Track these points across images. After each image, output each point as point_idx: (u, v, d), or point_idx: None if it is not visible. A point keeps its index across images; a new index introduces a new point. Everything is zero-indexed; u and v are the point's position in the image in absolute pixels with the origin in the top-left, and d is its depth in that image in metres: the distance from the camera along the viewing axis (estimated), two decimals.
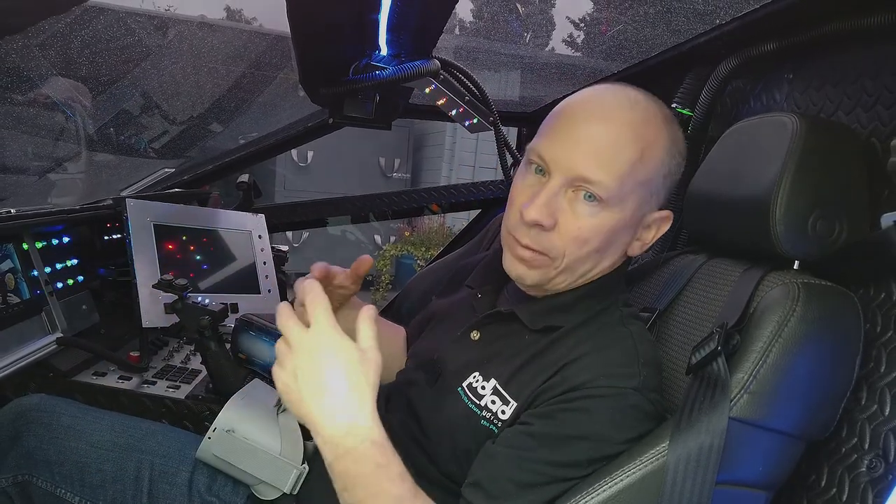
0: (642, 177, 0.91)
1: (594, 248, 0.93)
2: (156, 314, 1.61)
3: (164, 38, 2.66)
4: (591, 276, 0.98)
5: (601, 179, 0.88)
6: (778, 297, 0.89)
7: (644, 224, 0.97)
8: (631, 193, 0.91)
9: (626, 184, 0.90)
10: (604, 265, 0.98)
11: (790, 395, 0.86)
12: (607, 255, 0.96)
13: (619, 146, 0.89)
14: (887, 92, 1.00)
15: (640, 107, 0.93)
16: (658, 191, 0.95)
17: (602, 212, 0.90)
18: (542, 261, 0.94)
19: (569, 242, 0.92)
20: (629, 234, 0.96)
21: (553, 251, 0.92)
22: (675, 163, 0.95)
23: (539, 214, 0.90)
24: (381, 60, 1.58)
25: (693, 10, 1.34)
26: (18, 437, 1.17)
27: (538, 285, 0.98)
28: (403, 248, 7.31)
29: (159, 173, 2.34)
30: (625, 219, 0.92)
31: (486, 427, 0.93)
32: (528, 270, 0.95)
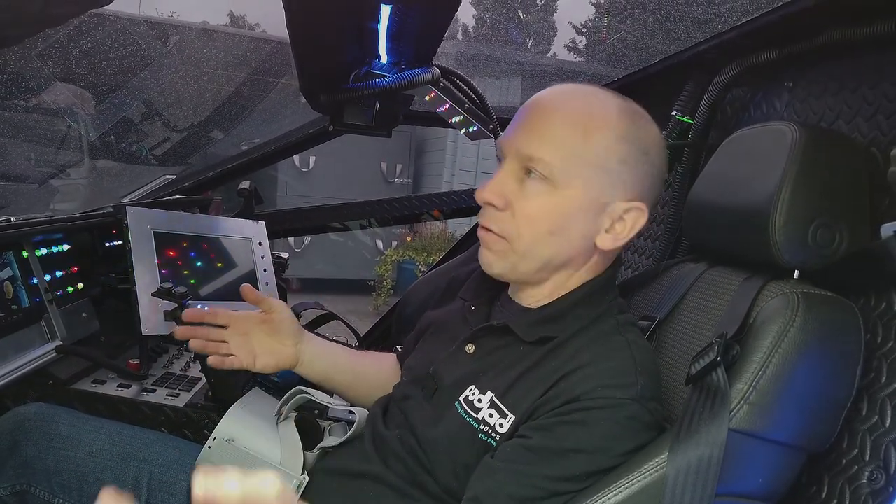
0: (588, 157, 0.92)
1: (547, 228, 0.94)
2: (156, 322, 1.60)
3: (165, 46, 2.67)
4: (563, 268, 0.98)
5: (542, 156, 0.92)
6: (778, 307, 0.89)
7: (611, 214, 0.95)
8: (578, 174, 0.92)
9: (570, 162, 0.92)
10: (566, 252, 0.97)
11: (790, 405, 0.86)
12: (565, 239, 0.95)
13: (560, 126, 0.93)
14: (887, 101, 1.00)
15: (592, 96, 0.97)
16: (619, 178, 0.94)
17: (552, 191, 0.93)
18: (501, 244, 0.97)
19: (521, 222, 0.94)
20: (588, 221, 0.95)
21: (508, 232, 0.95)
22: (634, 150, 0.94)
23: (488, 194, 0.95)
24: (382, 68, 1.58)
25: (693, 18, 1.35)
26: (17, 446, 1.17)
27: (505, 275, 1.00)
28: (405, 253, 7.31)
29: (160, 180, 2.34)
30: (576, 200, 0.93)
31: (485, 440, 0.93)
32: (493, 258, 0.98)
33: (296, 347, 1.19)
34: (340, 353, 1.28)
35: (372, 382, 1.26)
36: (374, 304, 7.06)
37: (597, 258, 0.99)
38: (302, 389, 1.18)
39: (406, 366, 1.16)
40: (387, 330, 2.38)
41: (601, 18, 10.27)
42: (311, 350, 1.21)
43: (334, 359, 1.25)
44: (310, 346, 1.21)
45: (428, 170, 8.42)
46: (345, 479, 1.03)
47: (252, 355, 1.16)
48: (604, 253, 0.99)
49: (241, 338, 1.17)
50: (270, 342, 1.18)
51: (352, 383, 1.26)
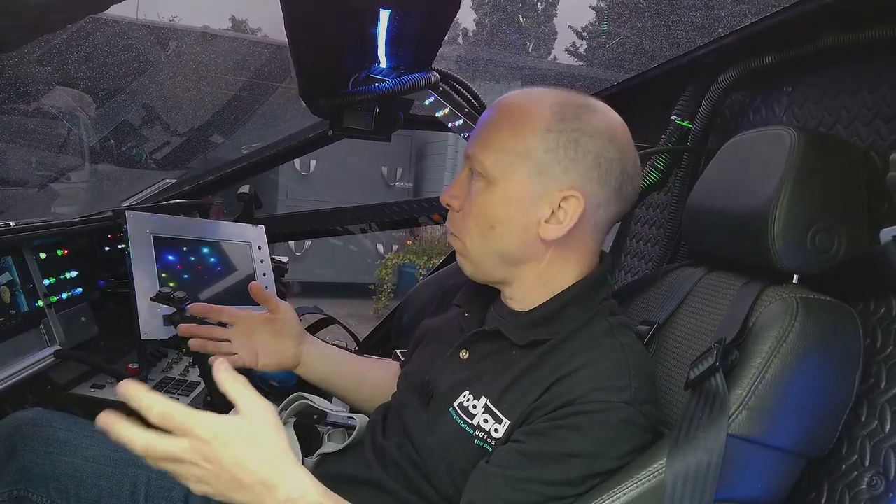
0: (515, 150, 0.95)
1: (488, 223, 0.97)
2: (155, 326, 1.60)
3: (165, 50, 2.68)
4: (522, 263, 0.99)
5: (477, 154, 0.97)
6: (776, 312, 0.89)
7: (549, 203, 0.95)
8: (507, 168, 0.95)
9: (500, 158, 0.96)
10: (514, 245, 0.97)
11: (789, 411, 0.85)
12: (507, 231, 0.97)
13: (495, 124, 0.98)
14: (886, 106, 1.00)
15: (530, 96, 1.00)
16: (548, 168, 0.94)
17: (489, 187, 0.97)
18: (460, 246, 1.02)
19: (468, 220, 1.00)
20: (524, 212, 0.95)
21: (461, 232, 1.01)
22: (560, 138, 0.94)
23: (446, 196, 1.02)
24: (381, 73, 1.58)
25: (692, 22, 1.35)
26: (14, 451, 1.16)
27: (475, 275, 1.04)
28: (405, 257, 7.31)
29: (160, 184, 2.34)
30: (509, 193, 0.96)
31: (480, 446, 0.93)
32: (461, 260, 1.04)
33: (298, 348, 1.21)
34: (341, 357, 1.29)
35: (372, 388, 1.26)
36: (375, 308, 7.06)
37: (554, 251, 0.98)
38: (301, 395, 1.18)
39: (403, 373, 1.16)
40: (387, 334, 2.37)
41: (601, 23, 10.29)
42: (313, 352, 1.22)
43: (335, 362, 1.26)
44: (311, 349, 1.22)
45: (428, 173, 8.43)
46: (344, 485, 1.03)
47: (255, 354, 1.18)
48: (560, 245, 0.98)
49: (245, 337, 1.19)
50: (273, 342, 1.19)
51: (351, 388, 1.27)
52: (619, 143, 0.97)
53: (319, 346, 1.25)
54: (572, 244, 0.99)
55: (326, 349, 1.27)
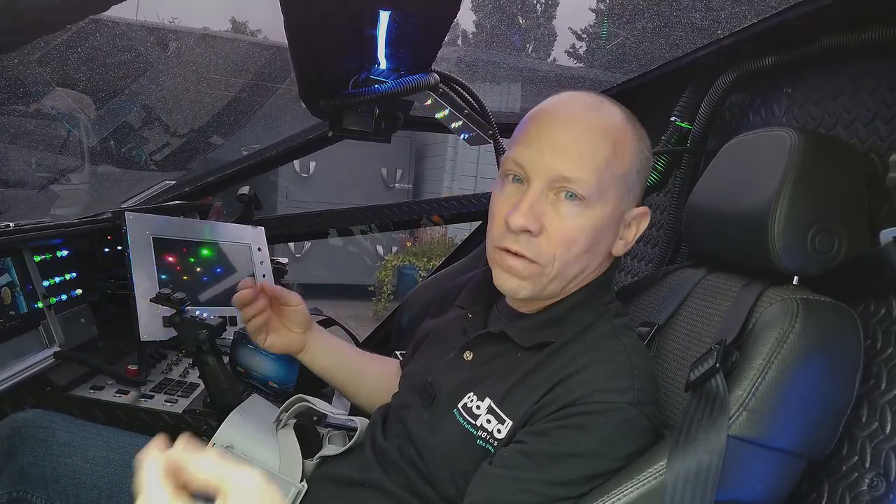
0: (618, 172, 0.93)
1: (582, 248, 0.93)
2: (154, 328, 1.60)
3: (165, 51, 2.68)
4: (581, 280, 0.98)
5: (580, 176, 0.90)
6: (777, 313, 0.89)
7: (625, 222, 0.97)
8: (609, 189, 0.93)
9: (604, 179, 0.92)
10: (592, 267, 0.98)
11: (789, 412, 0.85)
12: (595, 255, 0.96)
13: (592, 144, 0.92)
14: (885, 107, 1.00)
15: (604, 107, 0.97)
16: (633, 186, 0.96)
17: (586, 210, 0.92)
18: (533, 269, 0.94)
19: (557, 245, 0.92)
20: (613, 232, 0.97)
21: (543, 257, 0.93)
22: (644, 158, 0.97)
23: (525, 219, 0.91)
24: (381, 74, 1.58)
25: (692, 24, 1.35)
26: (13, 453, 1.16)
27: (532, 298, 0.98)
28: (405, 258, 7.31)
29: (160, 185, 2.34)
30: (607, 215, 0.94)
31: (483, 447, 0.93)
32: (520, 283, 0.95)
33: (304, 335, 1.23)
34: (345, 350, 1.30)
35: (373, 384, 1.26)
36: (375, 310, 7.06)
37: (604, 263, 1.00)
38: (301, 397, 1.18)
39: (404, 374, 1.16)
40: (386, 335, 2.37)
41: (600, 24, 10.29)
42: (318, 341, 1.25)
43: (338, 354, 1.27)
44: (317, 337, 1.25)
45: (428, 175, 8.43)
46: (344, 487, 1.03)
47: (265, 332, 1.21)
48: (611, 258, 1.00)
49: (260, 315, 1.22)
50: (281, 325, 1.23)
51: (351, 381, 1.28)
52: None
53: (325, 337, 1.27)
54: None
55: (331, 340, 1.28)
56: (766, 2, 1.13)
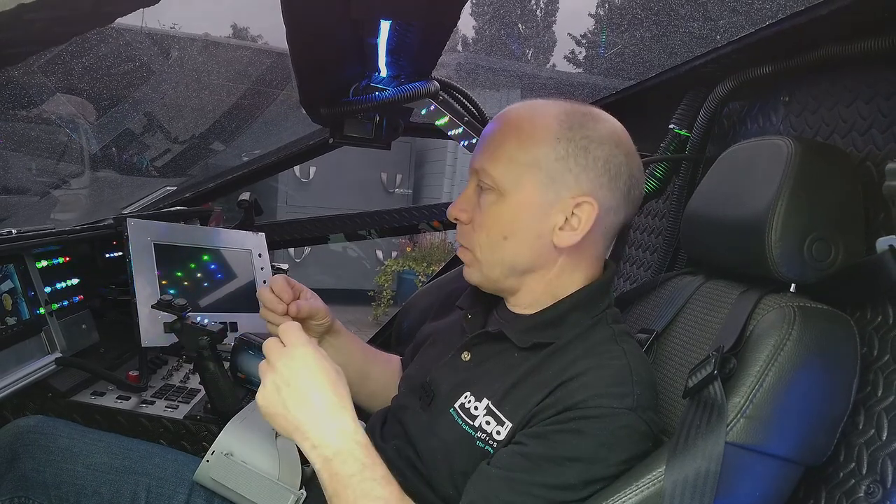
0: (525, 160, 0.96)
1: (500, 233, 0.99)
2: (155, 334, 1.61)
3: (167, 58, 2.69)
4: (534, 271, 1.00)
5: (486, 167, 0.99)
6: (774, 321, 0.89)
7: (562, 210, 0.96)
8: (518, 179, 0.96)
9: (510, 170, 0.97)
10: (526, 254, 0.98)
11: (787, 419, 0.86)
12: (520, 241, 0.98)
13: (501, 137, 0.99)
14: (881, 116, 1.01)
15: (533, 106, 1.02)
16: (560, 175, 0.96)
17: (500, 199, 0.98)
18: (468, 255, 1.04)
19: (479, 232, 1.01)
20: (537, 220, 0.97)
21: (471, 244, 1.02)
22: (570, 147, 0.95)
23: (455, 210, 1.03)
24: (381, 82, 1.59)
25: (690, 33, 1.36)
26: (15, 459, 1.17)
27: (482, 284, 1.05)
28: (405, 263, 7.31)
29: (161, 191, 2.35)
30: (522, 203, 0.97)
31: (482, 448, 0.93)
32: (468, 270, 1.05)
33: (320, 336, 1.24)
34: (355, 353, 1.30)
35: (376, 386, 1.27)
36: (374, 315, 7.06)
37: (566, 258, 1.00)
38: None
39: (404, 376, 1.16)
40: (386, 340, 2.38)
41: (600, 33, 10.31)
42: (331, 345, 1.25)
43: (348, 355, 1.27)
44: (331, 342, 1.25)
45: (428, 180, 8.44)
46: None
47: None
48: (572, 252, 0.99)
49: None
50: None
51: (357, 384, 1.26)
52: (624, 148, 0.99)
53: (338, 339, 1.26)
54: (583, 250, 1.00)
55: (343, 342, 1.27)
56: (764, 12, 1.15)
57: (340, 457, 0.85)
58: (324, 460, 0.85)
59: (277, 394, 0.87)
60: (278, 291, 1.15)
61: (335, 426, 0.86)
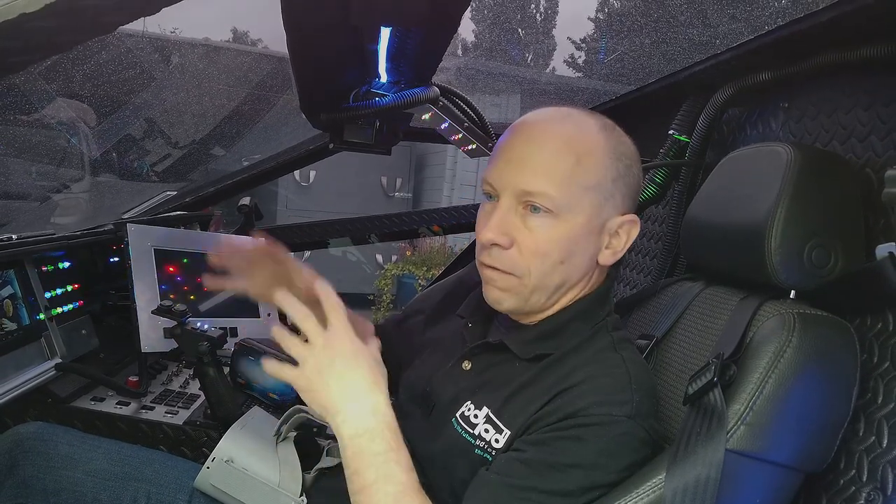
0: (586, 181, 0.93)
1: (556, 258, 0.94)
2: (155, 339, 1.61)
3: (167, 64, 2.69)
4: (569, 290, 0.99)
5: (543, 189, 0.92)
6: (774, 328, 0.89)
7: (609, 230, 0.97)
8: (579, 199, 0.93)
9: (570, 190, 0.92)
10: (575, 276, 0.98)
11: (787, 426, 0.86)
12: (573, 264, 0.96)
13: (554, 156, 0.93)
14: (881, 123, 1.01)
15: (572, 119, 0.97)
16: (612, 195, 0.95)
17: (554, 221, 0.93)
18: (510, 281, 0.96)
19: (529, 258, 0.94)
20: (592, 242, 0.96)
21: (518, 269, 0.95)
22: (622, 166, 0.95)
23: (493, 234, 0.94)
24: (381, 87, 1.59)
25: (690, 39, 1.37)
26: (15, 465, 1.17)
27: (517, 310, 0.99)
28: (405, 267, 7.31)
29: (161, 196, 2.35)
30: (580, 225, 0.94)
31: (481, 456, 0.93)
32: (501, 293, 0.97)
33: None
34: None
35: None
36: (374, 319, 7.04)
37: (596, 273, 1.01)
38: (301, 408, 1.19)
39: (404, 382, 1.16)
40: None
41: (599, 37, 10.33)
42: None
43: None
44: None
45: (428, 184, 8.45)
46: (343, 499, 1.03)
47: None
48: (602, 268, 1.00)
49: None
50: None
51: None
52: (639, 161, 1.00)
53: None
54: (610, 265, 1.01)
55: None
56: (763, 18, 1.15)
57: (369, 434, 0.86)
58: (351, 435, 0.87)
59: (318, 376, 0.89)
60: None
61: (370, 403, 0.88)
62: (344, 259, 7.62)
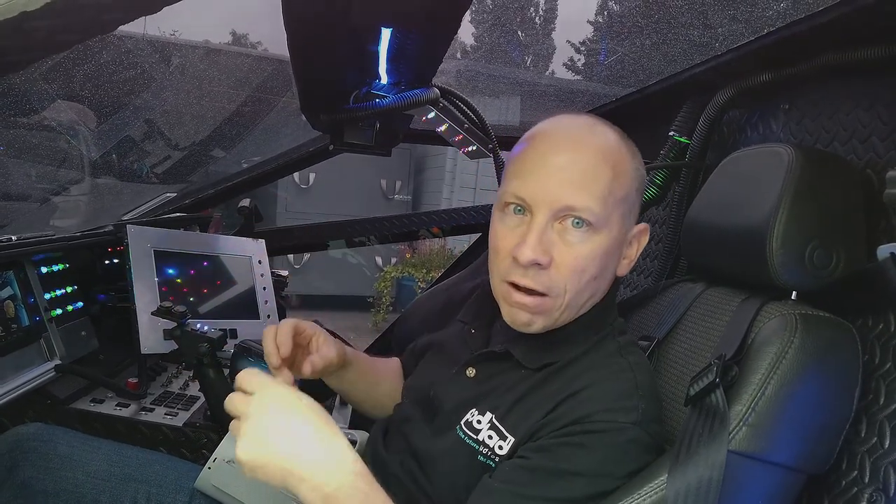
0: (620, 194, 0.92)
1: (592, 274, 0.92)
2: (155, 340, 1.60)
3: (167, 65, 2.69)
4: (589, 304, 0.98)
5: (587, 204, 0.89)
6: (775, 329, 0.89)
7: (627, 241, 0.97)
8: (613, 212, 0.91)
9: (608, 204, 0.90)
10: (602, 290, 0.97)
11: (789, 427, 0.86)
12: (604, 279, 0.96)
13: (594, 169, 0.90)
14: (882, 124, 1.01)
15: (598, 129, 0.95)
16: (634, 205, 0.96)
17: (594, 236, 0.90)
18: (543, 303, 0.92)
19: (568, 275, 0.90)
20: (618, 254, 0.97)
21: (554, 289, 0.91)
22: (640, 175, 0.97)
23: (535, 253, 0.88)
24: (382, 89, 1.59)
25: (690, 40, 1.37)
26: (15, 466, 1.16)
27: (546, 328, 0.95)
28: (404, 269, 7.30)
29: (161, 198, 2.35)
30: (614, 239, 0.93)
31: (484, 462, 0.93)
32: (531, 317, 0.93)
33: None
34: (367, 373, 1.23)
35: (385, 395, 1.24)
36: (374, 321, 7.05)
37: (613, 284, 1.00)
38: None
39: (406, 387, 1.15)
40: (386, 346, 2.37)
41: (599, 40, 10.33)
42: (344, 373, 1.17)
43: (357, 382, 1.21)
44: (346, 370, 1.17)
45: (427, 186, 8.45)
46: None
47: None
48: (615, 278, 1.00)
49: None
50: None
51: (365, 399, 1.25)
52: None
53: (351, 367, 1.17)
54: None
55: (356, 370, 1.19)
56: (764, 20, 1.15)
57: (343, 491, 0.78)
58: (325, 498, 0.77)
59: (260, 442, 0.78)
60: (279, 342, 1.01)
61: (332, 458, 0.79)
62: (344, 261, 7.62)
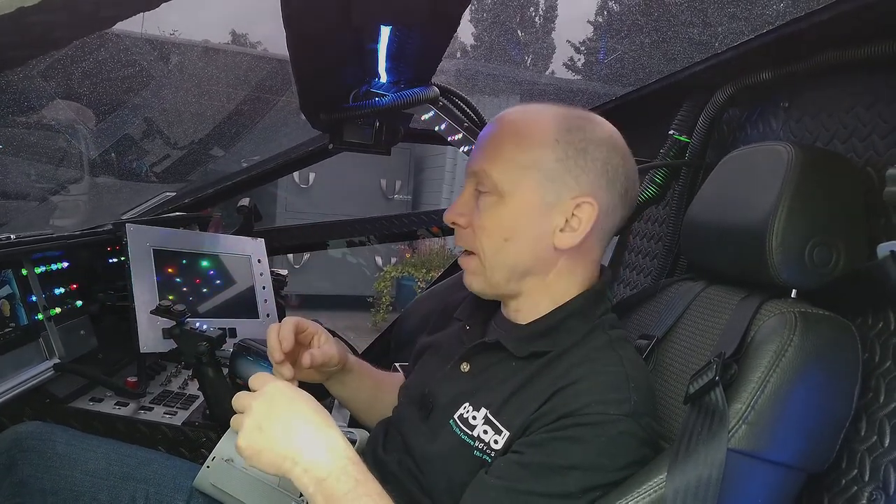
0: (524, 162, 0.96)
1: (501, 236, 0.98)
2: (154, 339, 1.60)
3: (167, 64, 2.69)
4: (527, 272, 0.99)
5: (484, 169, 0.98)
6: (775, 327, 0.89)
7: (562, 212, 0.96)
8: (518, 180, 0.97)
9: (509, 171, 0.97)
10: (527, 257, 0.98)
11: (788, 425, 0.85)
12: (521, 244, 0.98)
13: (499, 139, 1.00)
14: (882, 122, 1.01)
15: (531, 111, 1.02)
16: (559, 176, 0.96)
17: (499, 201, 0.98)
18: (474, 263, 1.02)
19: (480, 235, 1.00)
20: (538, 222, 0.97)
21: (474, 247, 1.01)
22: (569, 149, 0.96)
23: (452, 215, 1.03)
24: (381, 87, 1.59)
25: (690, 39, 1.37)
26: (13, 465, 1.16)
27: (487, 290, 1.03)
28: (404, 269, 7.31)
29: (160, 197, 2.35)
30: (521, 205, 0.97)
31: (479, 457, 0.93)
32: (470, 277, 1.04)
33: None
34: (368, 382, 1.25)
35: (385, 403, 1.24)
36: (373, 321, 7.05)
37: (565, 261, 1.00)
38: None
39: (403, 387, 1.16)
40: (385, 346, 2.37)
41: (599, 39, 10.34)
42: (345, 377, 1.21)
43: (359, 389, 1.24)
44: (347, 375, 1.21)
45: (427, 186, 8.45)
46: None
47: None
48: (571, 254, 0.99)
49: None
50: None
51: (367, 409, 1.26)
52: (620, 150, 1.00)
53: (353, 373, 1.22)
54: (581, 253, 1.00)
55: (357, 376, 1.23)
56: (763, 17, 1.15)
57: (334, 475, 0.81)
58: (317, 482, 0.81)
59: (259, 431, 0.84)
60: (282, 337, 1.07)
61: (325, 444, 0.83)
62: (343, 261, 7.63)
